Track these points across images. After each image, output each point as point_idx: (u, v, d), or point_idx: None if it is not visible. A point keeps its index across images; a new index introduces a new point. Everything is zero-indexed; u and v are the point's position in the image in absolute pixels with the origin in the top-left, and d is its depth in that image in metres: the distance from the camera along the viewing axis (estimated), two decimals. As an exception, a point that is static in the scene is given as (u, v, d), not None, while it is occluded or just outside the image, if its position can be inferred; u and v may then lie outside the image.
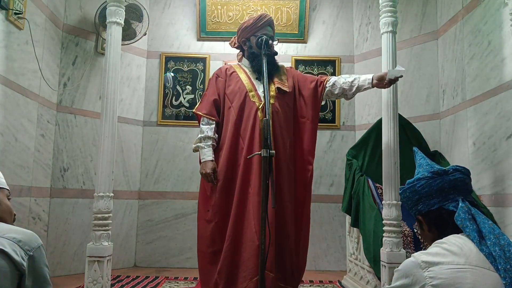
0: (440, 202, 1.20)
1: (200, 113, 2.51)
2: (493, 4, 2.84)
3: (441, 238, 1.16)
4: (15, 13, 2.89)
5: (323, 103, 2.65)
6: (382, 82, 2.40)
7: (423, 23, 3.82)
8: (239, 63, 2.67)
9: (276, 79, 2.52)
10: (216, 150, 2.49)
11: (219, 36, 4.37)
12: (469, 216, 1.12)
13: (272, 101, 2.44)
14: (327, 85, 2.55)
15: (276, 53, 2.53)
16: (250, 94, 2.46)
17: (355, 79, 2.50)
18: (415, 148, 1.41)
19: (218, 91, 2.54)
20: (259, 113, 2.42)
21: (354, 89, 2.51)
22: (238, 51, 2.71)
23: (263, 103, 2.40)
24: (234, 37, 2.67)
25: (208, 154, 2.43)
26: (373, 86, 2.46)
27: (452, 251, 1.07)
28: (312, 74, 4.25)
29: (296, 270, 2.45)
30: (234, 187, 2.39)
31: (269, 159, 1.86)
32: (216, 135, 2.50)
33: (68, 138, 3.71)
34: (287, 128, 2.48)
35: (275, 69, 2.55)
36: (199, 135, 2.49)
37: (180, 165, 4.27)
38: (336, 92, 2.54)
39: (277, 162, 2.35)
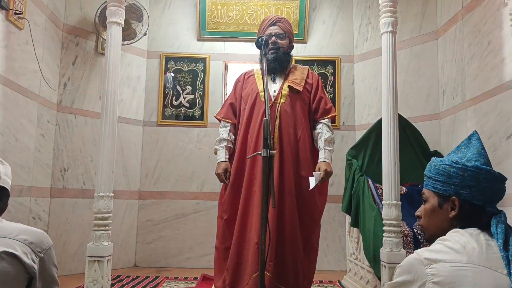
0: (484, 201, 1.16)
1: (218, 117, 2.67)
2: (493, 4, 2.84)
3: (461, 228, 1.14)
4: (15, 13, 2.89)
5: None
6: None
7: (423, 23, 3.82)
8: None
9: (290, 78, 2.56)
10: (234, 151, 2.60)
11: (219, 36, 4.37)
12: (506, 225, 1.11)
13: (283, 100, 2.50)
14: (317, 127, 2.54)
15: (280, 49, 2.55)
16: (261, 94, 2.51)
17: (320, 147, 2.48)
18: (476, 133, 1.28)
19: (236, 95, 2.67)
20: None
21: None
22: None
23: (272, 102, 2.48)
24: None
25: (221, 156, 2.55)
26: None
27: (455, 249, 1.07)
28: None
29: (303, 277, 2.38)
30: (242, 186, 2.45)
31: (269, 159, 1.87)
32: (233, 137, 2.61)
33: (68, 138, 3.71)
34: (297, 126, 2.49)
35: (288, 68, 2.61)
36: (217, 138, 2.62)
37: (180, 165, 4.27)
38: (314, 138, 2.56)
39: (281, 163, 2.40)
